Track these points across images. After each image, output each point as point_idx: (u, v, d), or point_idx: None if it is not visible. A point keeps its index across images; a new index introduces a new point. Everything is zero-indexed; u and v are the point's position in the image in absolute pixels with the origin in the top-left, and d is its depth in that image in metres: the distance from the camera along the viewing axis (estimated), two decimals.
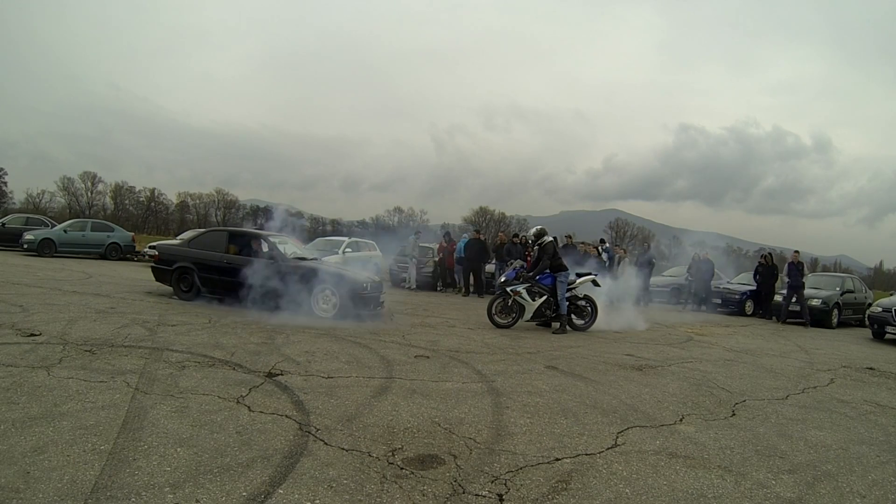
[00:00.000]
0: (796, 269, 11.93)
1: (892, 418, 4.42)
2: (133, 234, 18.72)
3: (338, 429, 3.14)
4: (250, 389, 3.75)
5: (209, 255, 8.13)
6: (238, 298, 7.61)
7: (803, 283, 11.87)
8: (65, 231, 15.92)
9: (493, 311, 8.03)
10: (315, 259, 8.74)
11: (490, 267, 13.86)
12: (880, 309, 10.50)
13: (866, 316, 11.75)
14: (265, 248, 8.02)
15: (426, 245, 15.22)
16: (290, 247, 8.69)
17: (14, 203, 49.68)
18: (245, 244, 8.25)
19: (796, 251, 12.46)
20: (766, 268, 13.49)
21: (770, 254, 14.17)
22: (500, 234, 14.42)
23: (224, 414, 3.22)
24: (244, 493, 2.28)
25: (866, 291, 14.53)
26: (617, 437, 3.37)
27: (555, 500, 2.47)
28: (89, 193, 56.28)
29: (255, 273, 7.59)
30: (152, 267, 8.76)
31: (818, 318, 12.05)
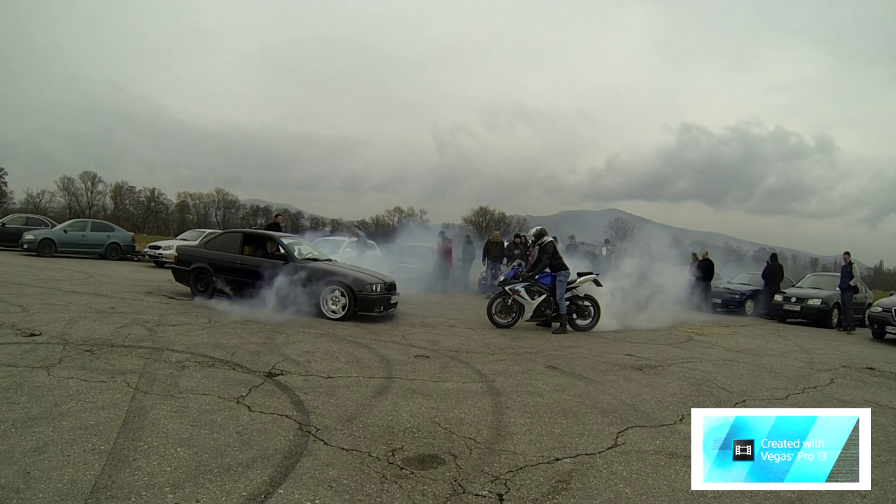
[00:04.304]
0: (845, 271, 11.75)
1: (892, 418, 4.42)
2: (133, 234, 18.73)
3: (338, 429, 3.14)
4: (250, 389, 3.75)
5: (224, 256, 8.26)
6: (251, 298, 7.72)
7: (850, 286, 11.58)
8: (65, 231, 15.90)
9: (493, 311, 8.03)
10: (329, 260, 8.78)
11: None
12: (880, 309, 10.49)
13: (866, 316, 11.74)
14: (277, 249, 8.13)
15: (425, 245, 15.32)
16: (305, 248, 8.76)
17: (14, 203, 49.78)
18: (259, 245, 8.37)
19: (846, 252, 12.00)
20: (772, 268, 13.57)
21: (776, 254, 14.38)
22: (494, 232, 14.56)
23: (224, 414, 3.22)
24: (244, 493, 2.29)
25: (866, 291, 14.52)
26: (617, 437, 3.37)
27: (555, 500, 2.47)
28: (89, 193, 56.46)
29: (266, 274, 7.75)
30: (172, 268, 8.96)
31: (818, 318, 12.08)
